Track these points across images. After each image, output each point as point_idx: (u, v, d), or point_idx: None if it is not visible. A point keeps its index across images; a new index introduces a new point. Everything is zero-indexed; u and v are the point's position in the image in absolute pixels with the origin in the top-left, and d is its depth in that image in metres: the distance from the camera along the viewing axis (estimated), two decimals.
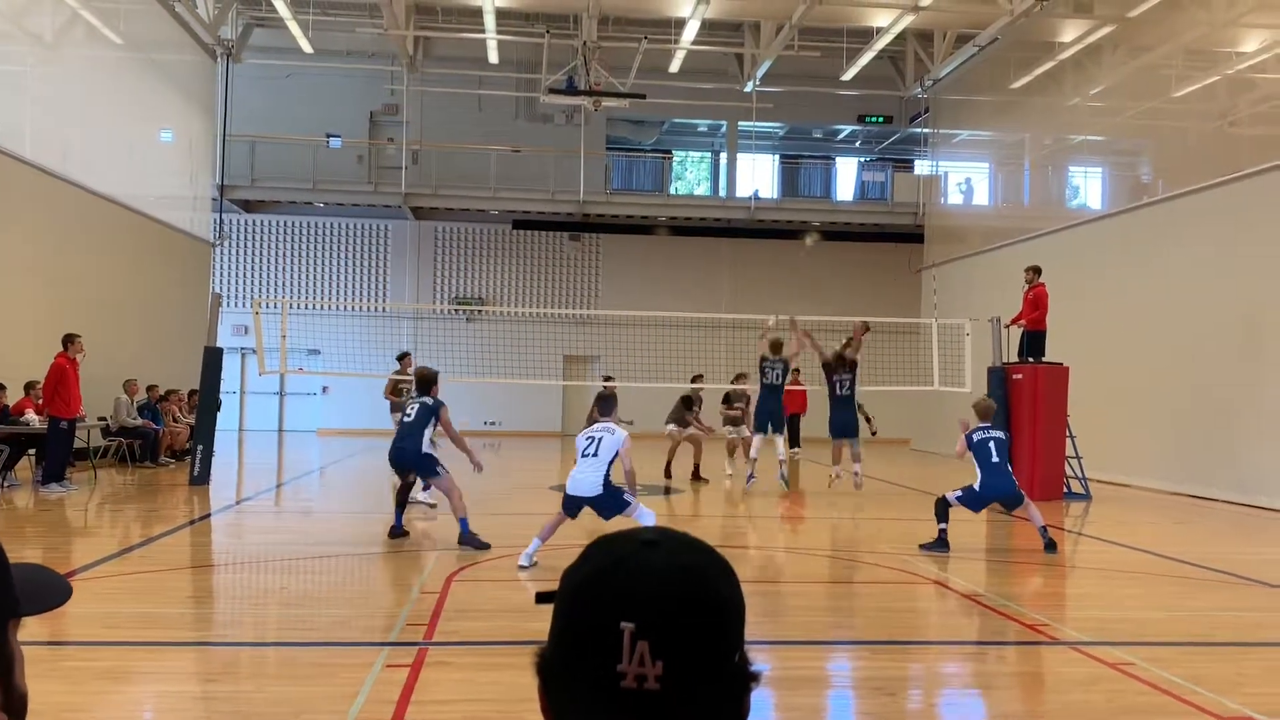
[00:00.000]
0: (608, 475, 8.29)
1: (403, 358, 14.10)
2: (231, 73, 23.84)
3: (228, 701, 4.75)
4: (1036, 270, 15.02)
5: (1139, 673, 5.36)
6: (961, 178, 26.75)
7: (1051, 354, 14.99)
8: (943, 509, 9.51)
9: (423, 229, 28.16)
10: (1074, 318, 17.26)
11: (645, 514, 8.26)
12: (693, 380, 16.85)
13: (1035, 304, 14.79)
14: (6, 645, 0.96)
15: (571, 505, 8.41)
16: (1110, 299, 17.62)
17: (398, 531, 9.63)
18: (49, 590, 0.99)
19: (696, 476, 15.55)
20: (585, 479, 8.25)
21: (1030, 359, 14.80)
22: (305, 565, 8.61)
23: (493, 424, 26.06)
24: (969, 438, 9.65)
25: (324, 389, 27.22)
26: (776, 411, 14.14)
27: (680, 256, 28.45)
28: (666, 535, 0.92)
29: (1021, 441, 14.40)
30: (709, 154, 31.82)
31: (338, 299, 27.81)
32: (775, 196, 28.75)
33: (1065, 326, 16.40)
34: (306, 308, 26.08)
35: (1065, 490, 14.64)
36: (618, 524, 8.20)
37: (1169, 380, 15.92)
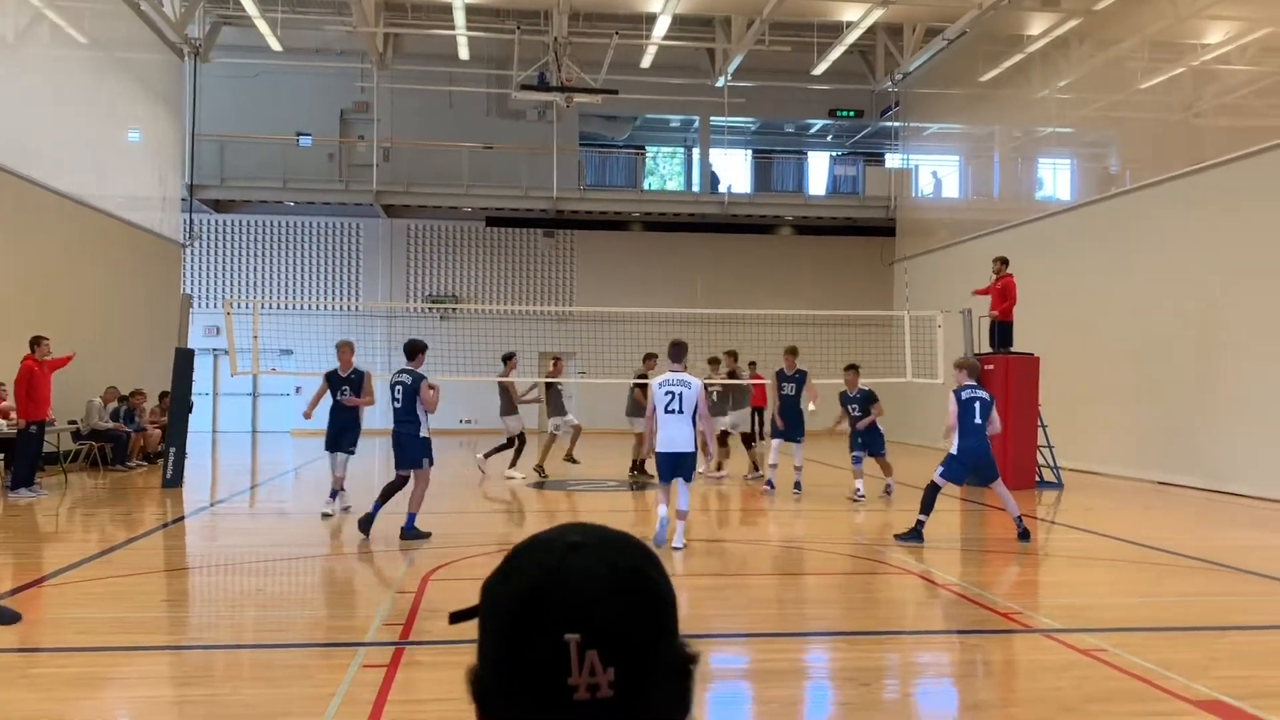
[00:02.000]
0: (695, 432, 8.74)
1: (508, 359, 15.21)
2: (199, 72, 23.61)
3: (203, 705, 4.71)
4: (1004, 261, 15.14)
5: (1111, 659, 5.42)
6: (932, 171, 26.92)
7: (1021, 344, 15.12)
8: (930, 497, 9.49)
9: (395, 227, 28.02)
10: (1044, 308, 17.42)
11: (684, 493, 8.75)
12: (645, 360, 15.58)
13: (1004, 294, 14.91)
14: None
15: (666, 465, 8.70)
16: (1079, 289, 17.79)
17: (367, 521, 9.52)
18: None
19: (640, 469, 14.94)
20: (679, 435, 8.63)
21: (1002, 349, 14.92)
22: (280, 567, 8.56)
23: (468, 422, 25.97)
24: (957, 394, 9.62)
25: (297, 389, 26.95)
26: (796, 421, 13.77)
27: (655, 252, 28.45)
28: (588, 533, 0.90)
29: None
30: (682, 149, 31.84)
31: (310, 298, 27.61)
32: (748, 191, 28.81)
33: (1035, 317, 16.55)
34: (278, 308, 25.87)
35: (1037, 479, 14.78)
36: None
37: (1137, 368, 16.10)
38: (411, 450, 9.56)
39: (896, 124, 27.12)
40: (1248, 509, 12.59)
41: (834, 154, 30.86)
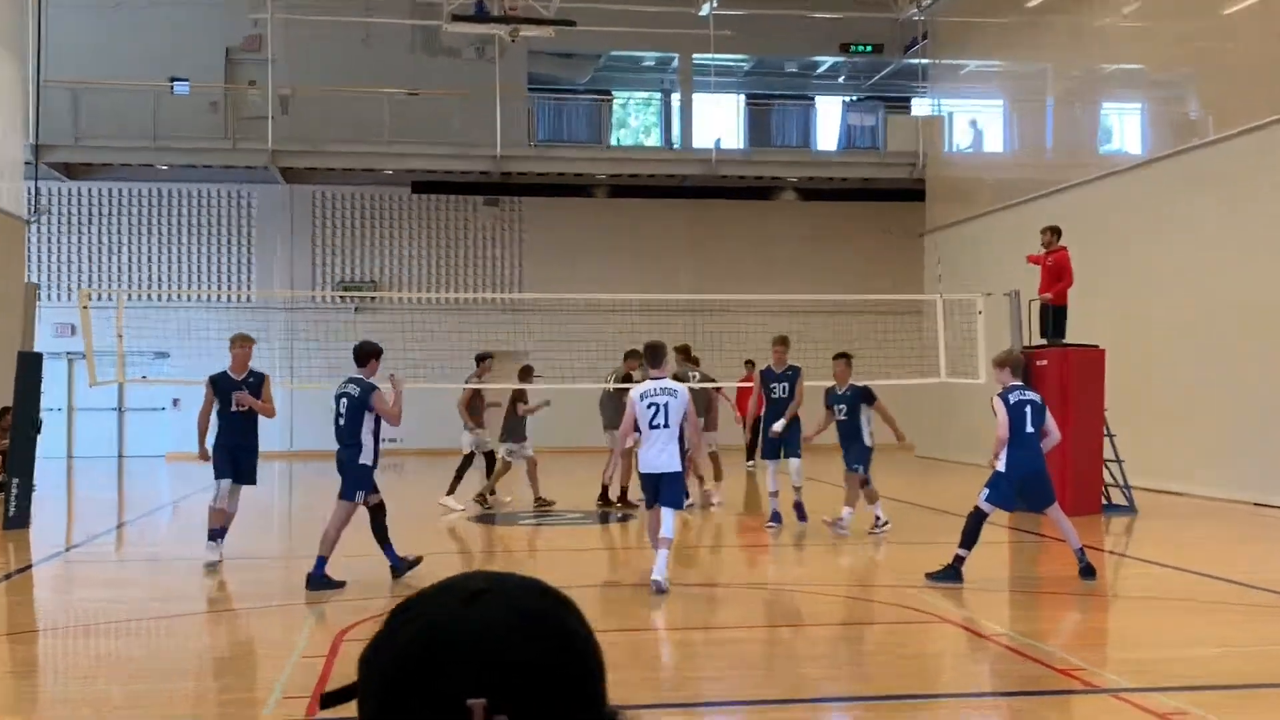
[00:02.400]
0: (683, 448, 9.33)
1: (481, 360, 15.51)
2: (46, 1, 23.37)
3: None
4: (1056, 231, 15.21)
5: None
6: (969, 120, 27.04)
7: (1076, 334, 15.21)
8: (974, 528, 9.49)
9: (296, 195, 27.86)
10: (1108, 289, 17.53)
11: (669, 520, 8.98)
12: (626, 358, 15.64)
13: (1057, 272, 14.97)
14: None
15: (650, 486, 9.18)
16: (1152, 264, 17.91)
17: (400, 566, 9.71)
18: None
19: (624, 500, 15.01)
20: (663, 453, 9.06)
21: (1056, 340, 15.00)
22: (154, 627, 8.50)
23: (393, 441, 25.88)
24: (1004, 398, 9.66)
25: (174, 402, 26.75)
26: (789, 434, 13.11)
27: (625, 224, 28.42)
28: (491, 579, 0.92)
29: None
30: (658, 95, 31.85)
31: (190, 287, 27.38)
32: (742, 147, 28.85)
33: (1098, 300, 16.64)
34: (150, 299, 25.65)
35: (1104, 502, 14.87)
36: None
37: (1228, 364, 16.21)
38: (346, 477, 9.76)
39: (924, 61, 27.23)
40: None
41: (847, 99, 30.96)
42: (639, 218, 28.51)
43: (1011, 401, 9.63)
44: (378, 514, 9.85)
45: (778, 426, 12.84)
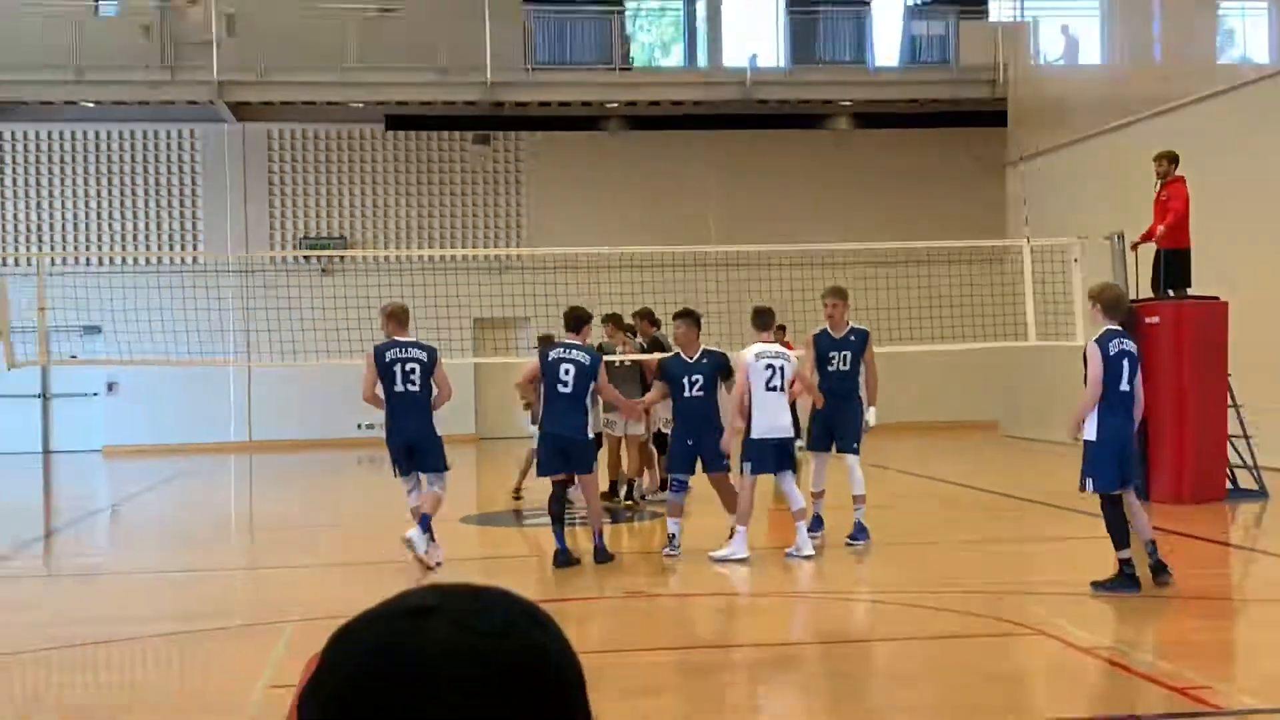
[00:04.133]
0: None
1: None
2: None
3: None
4: (1173, 159, 15.09)
5: None
6: (1060, 25, 26.84)
7: (1199, 284, 15.11)
8: (1114, 519, 9.26)
9: (249, 135, 27.89)
10: (1237, 228, 17.40)
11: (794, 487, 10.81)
12: (606, 321, 15.65)
13: (1169, 209, 14.84)
14: None
15: (772, 454, 10.81)
16: None
17: (566, 559, 10.88)
18: None
19: (627, 493, 15.28)
20: (784, 417, 10.80)
21: (1170, 292, 14.92)
22: (93, 656, 8.56)
23: (369, 427, 25.94)
24: (1103, 346, 9.30)
25: (109, 386, 26.95)
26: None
27: (644, 162, 28.37)
28: (443, 594, 0.94)
29: (1162, 415, 14.52)
30: (680, 4, 31.69)
31: (124, 249, 27.50)
32: (783, 65, 28.70)
33: (1220, 242, 16.52)
34: (77, 263, 25.74)
35: (1230, 486, 14.82)
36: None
37: None
38: (584, 452, 11.27)
39: None
40: None
41: (911, 3, 30.74)
42: (660, 154, 28.44)
43: (1111, 351, 9.28)
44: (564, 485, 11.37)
45: (797, 392, 12.21)
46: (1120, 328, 9.57)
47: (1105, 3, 25.20)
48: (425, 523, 10.55)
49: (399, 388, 10.78)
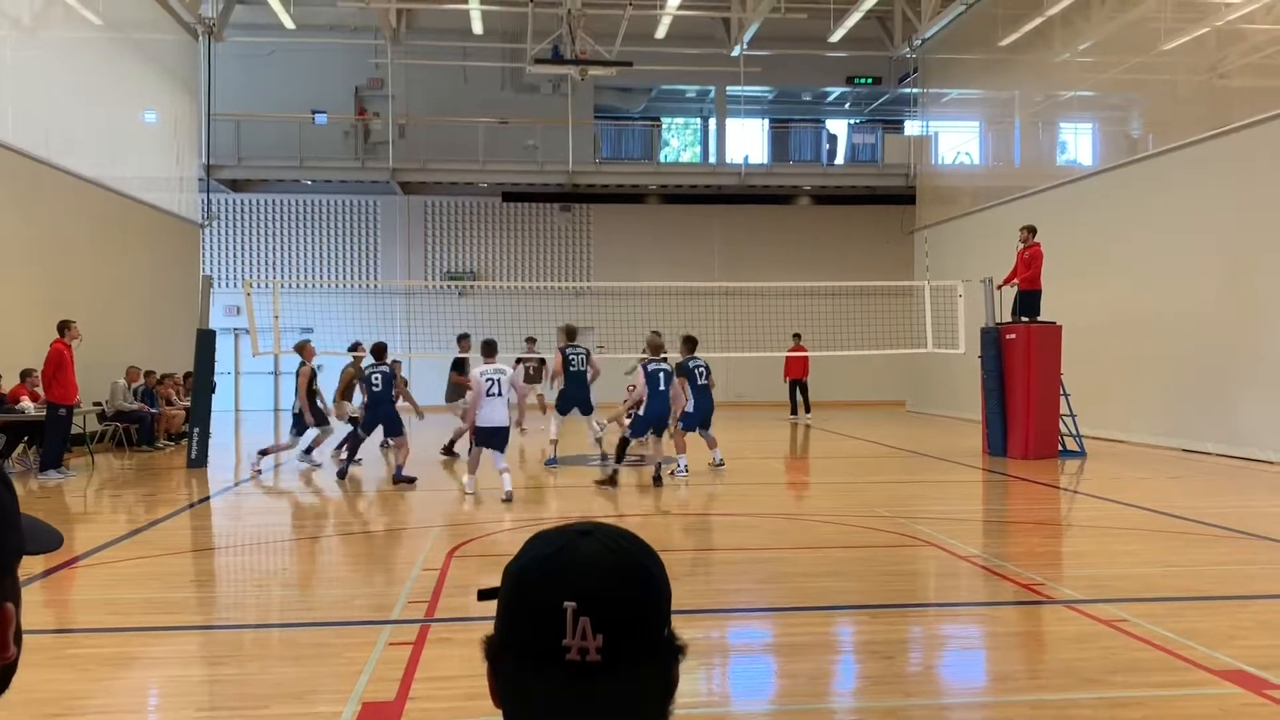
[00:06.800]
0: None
1: (461, 339, 15.70)
2: (214, 51, 23.62)
3: (233, 684, 4.80)
4: (1031, 230, 15.00)
5: (1132, 629, 5.43)
6: (952, 138, 26.65)
7: (1046, 313, 15.02)
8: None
9: (412, 204, 28.06)
10: (1068, 275, 17.28)
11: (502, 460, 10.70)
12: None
13: (1029, 263, 14.79)
14: (17, 581, 1.00)
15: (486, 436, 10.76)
16: (1103, 255, 17.62)
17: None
18: (45, 534, 1.05)
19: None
20: (497, 413, 10.73)
21: (1024, 318, 14.83)
22: (305, 546, 8.67)
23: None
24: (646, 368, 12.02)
25: (319, 368, 27.20)
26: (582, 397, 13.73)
27: (671, 224, 28.37)
28: (599, 526, 1.03)
29: (1015, 400, 14.50)
30: (698, 120, 31.65)
31: (329, 277, 27.74)
32: (766, 162, 28.64)
33: (1059, 284, 16.41)
34: (298, 287, 26.01)
35: (1060, 448, 14.73)
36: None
37: (1161, 335, 15.97)
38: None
39: (915, 90, 26.84)
40: (1274, 476, 12.52)
41: (852, 122, 30.58)
42: (683, 220, 28.42)
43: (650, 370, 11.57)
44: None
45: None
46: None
47: (982, 123, 25.00)
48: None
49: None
